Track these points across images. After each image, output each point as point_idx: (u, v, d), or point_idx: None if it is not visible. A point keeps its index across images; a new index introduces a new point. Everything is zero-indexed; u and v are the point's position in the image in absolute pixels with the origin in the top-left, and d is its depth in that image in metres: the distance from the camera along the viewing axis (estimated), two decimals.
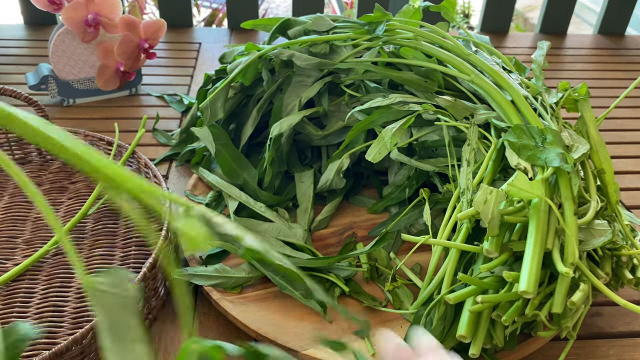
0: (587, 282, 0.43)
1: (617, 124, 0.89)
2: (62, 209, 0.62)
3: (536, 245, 0.41)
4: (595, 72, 1.08)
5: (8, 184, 0.65)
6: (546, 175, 0.46)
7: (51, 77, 0.81)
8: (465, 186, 0.50)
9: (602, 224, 0.46)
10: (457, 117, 0.56)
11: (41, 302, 0.51)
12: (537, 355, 0.48)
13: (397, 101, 0.57)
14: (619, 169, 0.77)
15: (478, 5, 2.90)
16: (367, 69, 0.62)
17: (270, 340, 0.47)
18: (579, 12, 2.73)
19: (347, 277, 0.53)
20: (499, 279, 0.43)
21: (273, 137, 0.61)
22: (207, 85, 0.71)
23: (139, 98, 0.88)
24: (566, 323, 0.43)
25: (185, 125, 0.74)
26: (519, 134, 0.48)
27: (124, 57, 0.81)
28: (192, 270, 0.52)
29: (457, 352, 0.45)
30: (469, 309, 0.41)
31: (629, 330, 0.53)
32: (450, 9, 0.64)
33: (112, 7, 0.78)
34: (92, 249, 0.57)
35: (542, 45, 0.62)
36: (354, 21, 0.66)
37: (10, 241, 0.57)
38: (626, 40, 1.22)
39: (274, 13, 3.27)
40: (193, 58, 1.04)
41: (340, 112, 0.65)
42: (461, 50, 0.60)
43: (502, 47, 1.16)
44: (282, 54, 0.63)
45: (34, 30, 1.10)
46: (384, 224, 0.60)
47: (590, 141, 0.52)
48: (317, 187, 0.62)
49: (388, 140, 0.54)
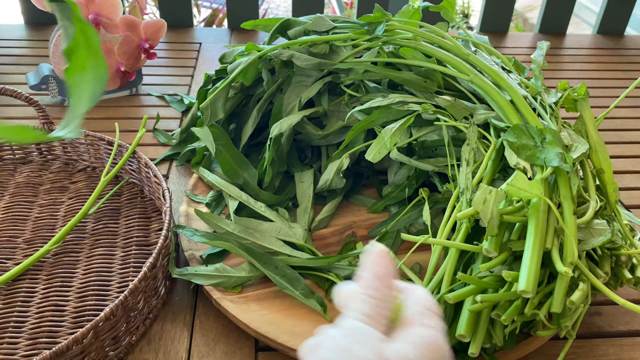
0: (586, 281, 0.43)
1: (617, 124, 0.89)
2: (62, 208, 0.62)
3: (535, 245, 0.42)
4: (594, 72, 1.08)
5: (8, 184, 0.65)
6: (545, 174, 0.46)
7: (52, 77, 0.81)
8: (465, 186, 0.50)
9: (601, 224, 0.46)
10: (456, 117, 0.56)
11: (42, 302, 0.51)
12: (536, 355, 0.49)
13: (397, 101, 0.57)
14: (618, 169, 0.77)
15: (477, 6, 2.90)
16: (367, 69, 0.63)
17: (270, 339, 0.47)
18: (578, 12, 2.73)
19: (347, 277, 0.53)
20: (498, 279, 0.43)
21: (273, 137, 0.61)
22: (208, 85, 0.71)
23: (139, 98, 0.88)
24: (565, 322, 0.43)
25: (186, 125, 0.74)
26: (518, 134, 0.48)
27: (125, 57, 0.82)
28: (192, 270, 0.52)
29: (456, 352, 0.46)
30: (469, 308, 0.41)
31: (628, 329, 0.53)
32: (449, 9, 0.65)
33: (113, 7, 0.78)
34: (92, 248, 0.57)
35: (542, 45, 0.62)
36: (353, 21, 0.66)
37: (11, 241, 0.57)
38: (625, 40, 1.23)
39: (274, 13, 3.27)
40: (193, 58, 1.04)
41: (340, 112, 0.66)
42: (460, 51, 0.60)
43: (501, 47, 1.16)
44: (282, 54, 0.63)
45: (34, 30, 1.10)
46: (384, 223, 0.60)
47: (589, 141, 0.52)
48: (317, 186, 0.62)
49: (388, 140, 0.54)
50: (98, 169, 0.68)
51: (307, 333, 0.48)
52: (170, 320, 0.51)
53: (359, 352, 0.30)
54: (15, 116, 0.81)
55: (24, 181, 0.65)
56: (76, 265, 0.55)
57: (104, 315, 0.43)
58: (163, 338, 0.49)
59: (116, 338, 0.46)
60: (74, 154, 0.68)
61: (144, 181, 0.63)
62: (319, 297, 0.51)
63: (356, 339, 0.30)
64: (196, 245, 0.56)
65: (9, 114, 0.81)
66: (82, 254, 0.56)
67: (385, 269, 0.33)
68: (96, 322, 0.42)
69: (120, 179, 0.66)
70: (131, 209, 0.62)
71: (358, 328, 0.31)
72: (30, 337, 0.48)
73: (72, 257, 0.56)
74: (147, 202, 0.63)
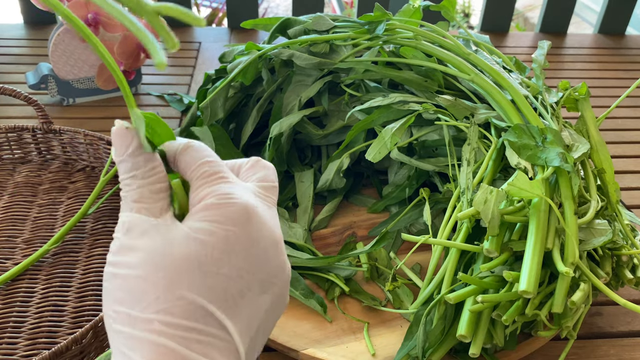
0: (587, 281, 0.43)
1: (618, 124, 0.89)
2: (61, 208, 0.62)
3: (536, 245, 0.41)
4: (595, 71, 1.08)
5: (7, 184, 0.65)
6: (546, 174, 0.46)
7: (51, 76, 0.81)
8: (466, 186, 0.50)
9: (603, 224, 0.46)
10: (457, 117, 0.55)
11: (41, 302, 0.51)
12: (537, 355, 0.48)
13: (397, 101, 0.57)
14: (619, 169, 0.77)
15: (478, 5, 2.90)
16: (367, 68, 0.62)
17: (270, 339, 0.47)
18: (579, 11, 2.73)
19: (347, 277, 0.53)
20: (499, 279, 0.43)
21: (273, 136, 0.61)
22: (207, 84, 0.71)
23: (138, 97, 0.88)
24: (566, 323, 0.43)
25: (185, 124, 0.74)
26: (519, 134, 0.48)
27: (124, 56, 0.81)
28: None
29: (457, 352, 0.45)
30: (469, 309, 0.41)
31: (629, 329, 0.52)
32: (450, 8, 0.64)
33: None
34: (91, 248, 0.56)
35: (543, 45, 0.62)
36: (354, 21, 0.66)
37: (10, 240, 0.57)
38: (626, 40, 1.22)
39: (273, 12, 3.27)
40: (193, 57, 1.04)
41: (340, 112, 0.65)
42: (461, 50, 0.60)
43: (502, 47, 1.16)
44: (282, 54, 0.63)
45: (33, 29, 1.10)
46: (384, 223, 0.60)
47: (590, 141, 0.52)
48: (317, 186, 0.62)
49: (388, 139, 0.54)
50: (97, 168, 0.67)
51: (307, 333, 0.48)
52: None
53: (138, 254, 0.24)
54: (15, 116, 0.81)
55: (23, 181, 0.65)
56: (75, 265, 0.55)
57: (103, 315, 0.43)
58: None
59: None
60: (73, 153, 0.68)
61: None
62: (319, 297, 0.51)
63: (136, 234, 0.25)
64: None
65: (8, 114, 0.81)
66: (82, 253, 0.56)
67: (128, 144, 0.27)
68: (95, 322, 0.42)
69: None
70: None
71: (132, 221, 0.26)
72: (29, 337, 0.47)
73: (71, 257, 0.55)
74: None
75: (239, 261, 0.25)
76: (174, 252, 0.24)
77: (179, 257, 0.24)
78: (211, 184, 0.26)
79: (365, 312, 0.51)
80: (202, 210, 0.26)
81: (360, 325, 0.50)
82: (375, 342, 0.48)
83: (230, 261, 0.25)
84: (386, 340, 0.48)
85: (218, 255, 0.25)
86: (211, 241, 0.25)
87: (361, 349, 0.47)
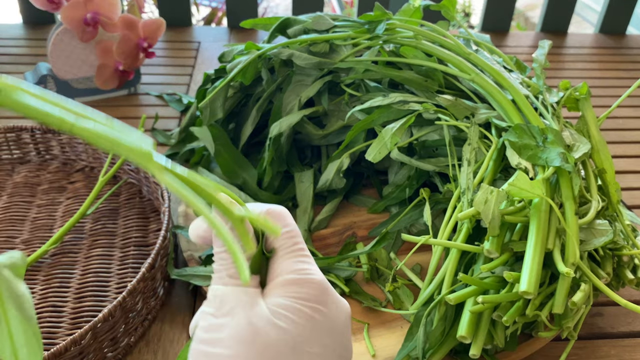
0: (588, 282, 0.43)
1: (619, 124, 0.89)
2: (60, 208, 0.62)
3: (537, 246, 0.41)
4: (596, 71, 1.08)
5: (6, 184, 0.65)
6: (547, 174, 0.45)
7: (50, 76, 0.81)
8: (466, 186, 0.50)
9: (603, 224, 0.46)
10: (457, 117, 0.55)
11: (40, 303, 0.50)
12: (538, 356, 0.48)
13: (398, 100, 0.57)
14: (620, 169, 0.77)
15: (478, 4, 2.90)
16: (367, 68, 0.62)
17: None
18: (580, 11, 2.73)
19: (347, 277, 0.53)
20: (499, 279, 0.43)
21: (273, 136, 0.61)
22: (207, 84, 0.71)
23: (137, 97, 0.87)
24: (567, 323, 0.43)
25: (184, 124, 0.74)
26: (520, 134, 0.48)
27: (123, 56, 0.81)
28: (191, 271, 0.52)
29: (457, 353, 0.45)
30: (470, 310, 0.41)
31: (630, 330, 0.52)
32: (450, 7, 0.64)
33: (111, 6, 0.77)
34: (90, 249, 0.56)
35: (543, 44, 0.62)
36: (354, 20, 0.65)
37: (9, 241, 0.57)
38: (627, 39, 1.22)
39: (273, 12, 3.26)
40: (192, 57, 1.03)
41: (340, 112, 0.65)
42: (462, 50, 0.60)
43: (502, 46, 1.16)
44: (282, 53, 0.63)
45: (32, 29, 1.10)
46: (384, 224, 0.60)
47: (591, 140, 0.52)
48: (317, 187, 0.62)
49: (388, 139, 0.54)
50: (96, 169, 0.67)
51: None
52: (168, 321, 0.51)
53: (232, 325, 0.25)
54: (13, 116, 0.80)
55: (21, 181, 0.65)
56: (74, 266, 0.54)
57: (102, 317, 0.43)
58: (162, 339, 0.49)
59: (114, 339, 0.46)
60: (72, 153, 0.68)
61: (143, 181, 0.63)
62: None
63: (226, 310, 0.26)
64: (195, 246, 0.56)
65: (6, 114, 0.81)
66: (80, 254, 0.56)
67: (207, 227, 0.28)
68: (94, 323, 0.42)
69: (119, 179, 0.65)
70: (129, 209, 0.62)
71: (224, 295, 0.27)
72: None
73: (70, 257, 0.55)
74: (146, 203, 0.63)
75: (324, 338, 0.26)
76: (269, 332, 0.25)
77: (274, 337, 0.25)
78: (293, 258, 0.27)
79: (365, 312, 0.51)
80: (286, 286, 0.27)
81: (360, 326, 0.49)
82: (376, 343, 0.48)
83: (319, 340, 0.26)
84: (386, 341, 0.48)
85: (308, 334, 0.26)
86: (301, 322, 0.26)
87: (361, 350, 0.47)
